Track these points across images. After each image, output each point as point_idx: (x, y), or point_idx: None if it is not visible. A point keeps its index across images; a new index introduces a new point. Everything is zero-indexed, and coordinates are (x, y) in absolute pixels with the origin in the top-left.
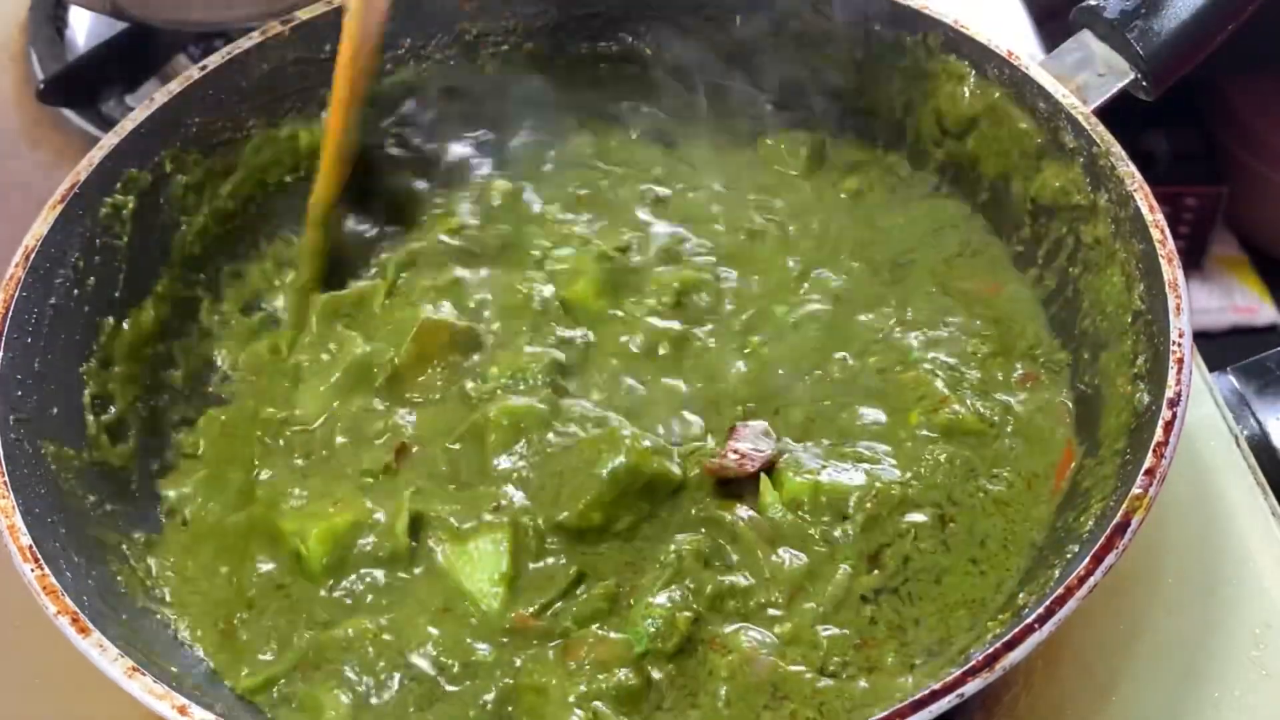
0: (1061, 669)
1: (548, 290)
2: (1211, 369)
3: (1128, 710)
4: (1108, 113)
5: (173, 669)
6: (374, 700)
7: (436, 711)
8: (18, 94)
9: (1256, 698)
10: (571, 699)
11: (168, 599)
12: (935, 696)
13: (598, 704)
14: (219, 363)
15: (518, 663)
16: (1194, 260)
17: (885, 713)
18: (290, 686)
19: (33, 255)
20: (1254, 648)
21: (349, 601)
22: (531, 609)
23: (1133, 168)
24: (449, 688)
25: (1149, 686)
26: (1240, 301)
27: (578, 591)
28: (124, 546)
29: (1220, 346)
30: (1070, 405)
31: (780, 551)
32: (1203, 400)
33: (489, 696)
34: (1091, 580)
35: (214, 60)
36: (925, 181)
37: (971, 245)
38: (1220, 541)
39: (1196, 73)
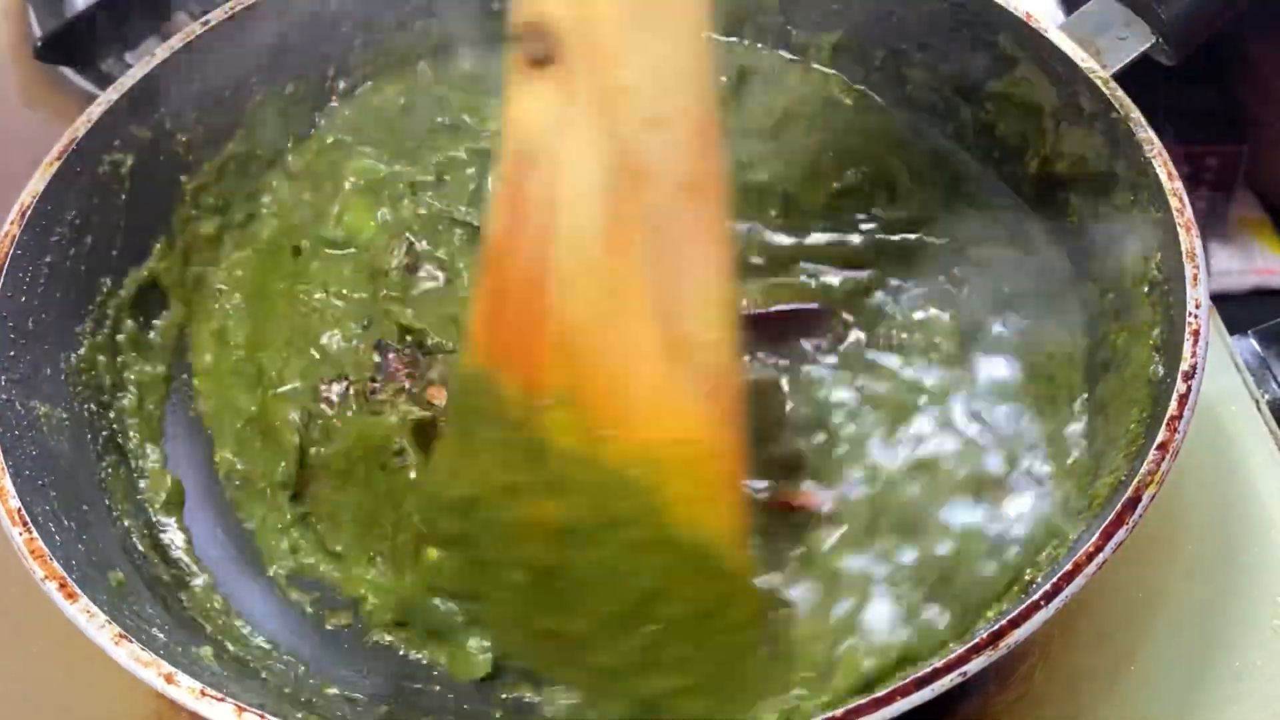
0: (1078, 639)
1: None
2: (1232, 332)
3: (1146, 680)
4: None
5: (160, 636)
6: None
7: None
8: (15, 51)
9: (1278, 666)
10: None
11: None
12: (937, 675)
13: None
14: None
15: None
16: (1215, 221)
17: (887, 690)
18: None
19: (29, 213)
20: (1276, 616)
21: None
22: None
23: (1151, 133)
24: None
25: (1168, 656)
26: (1262, 263)
27: None
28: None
29: (1242, 309)
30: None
31: None
32: (1223, 364)
33: None
34: (1100, 557)
35: (216, 16)
36: None
37: None
38: (1240, 508)
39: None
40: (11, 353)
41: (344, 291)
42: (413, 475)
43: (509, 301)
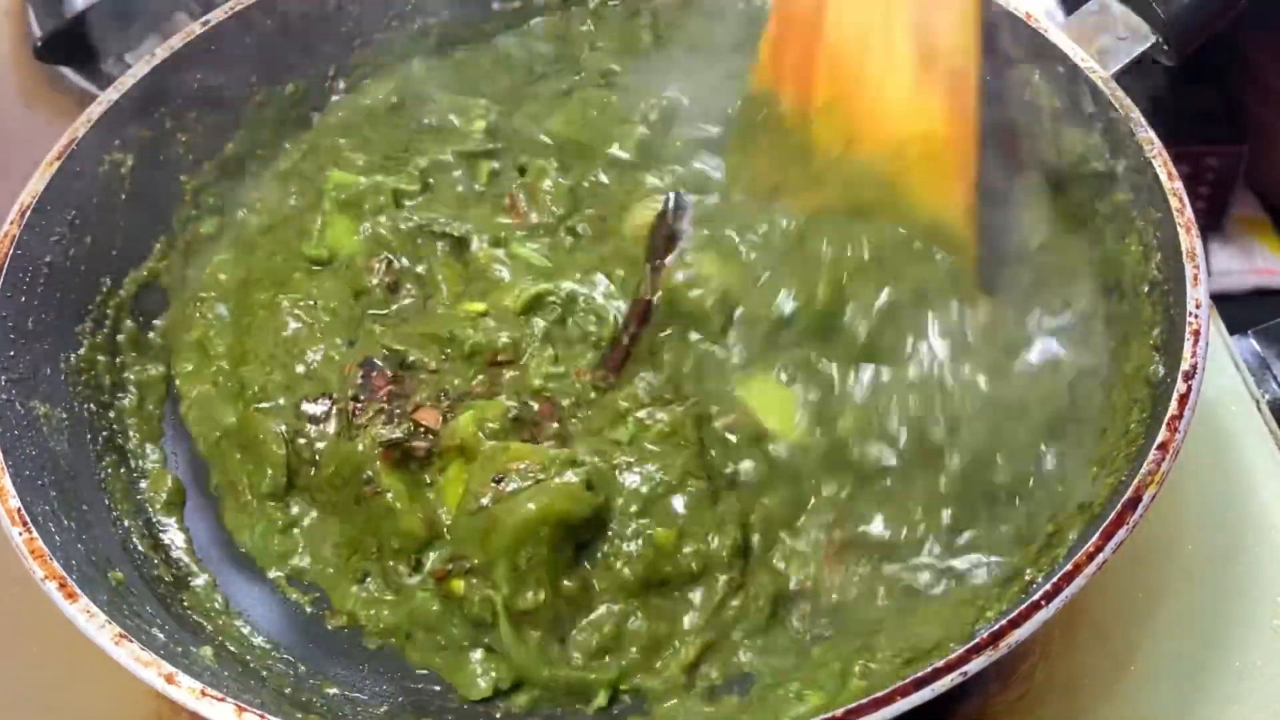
0: (1079, 638)
1: None
2: (1232, 332)
3: (1146, 679)
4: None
5: (160, 636)
6: None
7: None
8: (15, 52)
9: (1278, 666)
10: None
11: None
12: (937, 674)
13: None
14: None
15: None
16: (1215, 221)
17: (887, 690)
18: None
19: (28, 212)
20: (1275, 616)
21: None
22: None
23: (1152, 134)
24: None
25: (1168, 655)
26: (1262, 263)
27: None
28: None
29: (1242, 309)
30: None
31: None
32: (1223, 364)
33: None
34: (1101, 557)
35: (216, 16)
36: None
37: None
38: (1240, 508)
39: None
40: (11, 353)
41: (332, 305)
42: (390, 499)
43: (792, 30)
